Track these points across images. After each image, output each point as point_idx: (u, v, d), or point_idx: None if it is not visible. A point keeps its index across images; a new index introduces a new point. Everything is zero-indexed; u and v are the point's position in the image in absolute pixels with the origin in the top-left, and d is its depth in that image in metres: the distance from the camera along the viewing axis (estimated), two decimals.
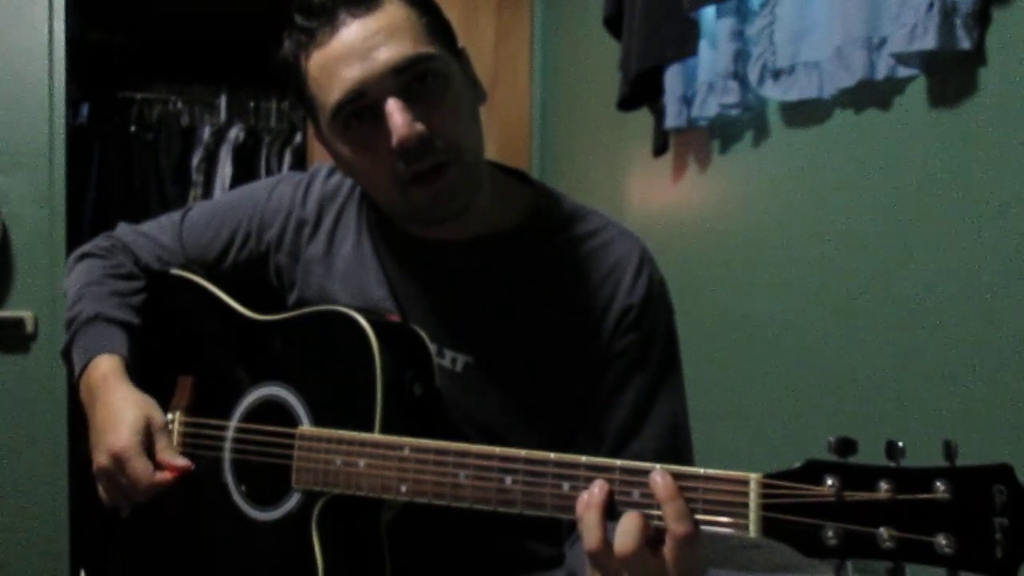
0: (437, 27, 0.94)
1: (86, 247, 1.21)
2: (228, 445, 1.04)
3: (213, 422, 1.06)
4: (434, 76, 0.91)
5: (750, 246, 1.70)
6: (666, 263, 1.10)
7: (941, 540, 0.64)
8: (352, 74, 0.88)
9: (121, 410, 1.01)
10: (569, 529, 1.03)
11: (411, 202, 0.93)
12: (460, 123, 0.93)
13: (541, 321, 1.01)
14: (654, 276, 1.04)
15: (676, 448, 1.00)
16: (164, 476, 1.00)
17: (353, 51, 0.88)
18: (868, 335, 1.37)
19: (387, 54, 0.88)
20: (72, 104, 2.92)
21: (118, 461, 0.99)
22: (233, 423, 1.04)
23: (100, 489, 1.05)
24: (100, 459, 1.01)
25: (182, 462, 1.01)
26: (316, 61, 0.91)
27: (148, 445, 1.01)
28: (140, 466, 0.99)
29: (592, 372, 1.00)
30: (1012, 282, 1.12)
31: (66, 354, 1.13)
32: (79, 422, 1.10)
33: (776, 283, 1.62)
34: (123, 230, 1.23)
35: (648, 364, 1.00)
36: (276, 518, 0.97)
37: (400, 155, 0.88)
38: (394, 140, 0.88)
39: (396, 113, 0.87)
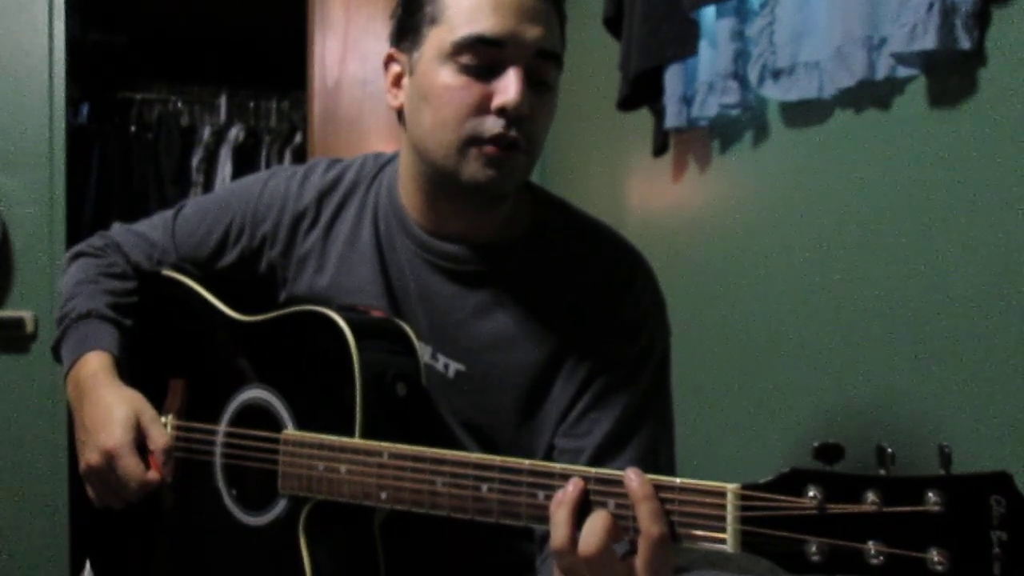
0: (562, 60, 0.98)
1: (80, 246, 1.21)
2: (218, 449, 1.04)
3: (204, 426, 1.05)
4: (549, 85, 0.95)
5: (750, 246, 1.70)
6: (666, 263, 1.10)
7: (934, 555, 0.59)
8: (505, 24, 0.90)
9: (111, 407, 1.00)
10: (541, 544, 1.01)
11: (465, 158, 0.93)
12: (543, 133, 0.96)
13: (537, 335, 1.00)
14: (654, 295, 1.04)
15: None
16: (155, 475, 0.99)
17: (518, 6, 0.91)
18: (868, 334, 1.37)
19: (542, 33, 0.92)
20: (72, 104, 2.92)
21: (110, 459, 0.98)
22: (222, 427, 1.04)
23: (88, 488, 1.04)
24: (91, 457, 1.00)
25: (167, 469, 1.00)
26: None
27: (139, 443, 1.00)
28: (132, 465, 0.98)
29: (579, 384, 0.99)
30: (1012, 282, 1.11)
31: (55, 351, 1.12)
32: None
33: (776, 283, 1.62)
34: (116, 229, 1.23)
35: (638, 383, 0.99)
36: (265, 523, 0.97)
37: (499, 114, 0.90)
38: (504, 99, 0.90)
39: (518, 78, 0.90)
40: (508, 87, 0.90)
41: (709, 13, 1.70)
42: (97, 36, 3.44)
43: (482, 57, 0.91)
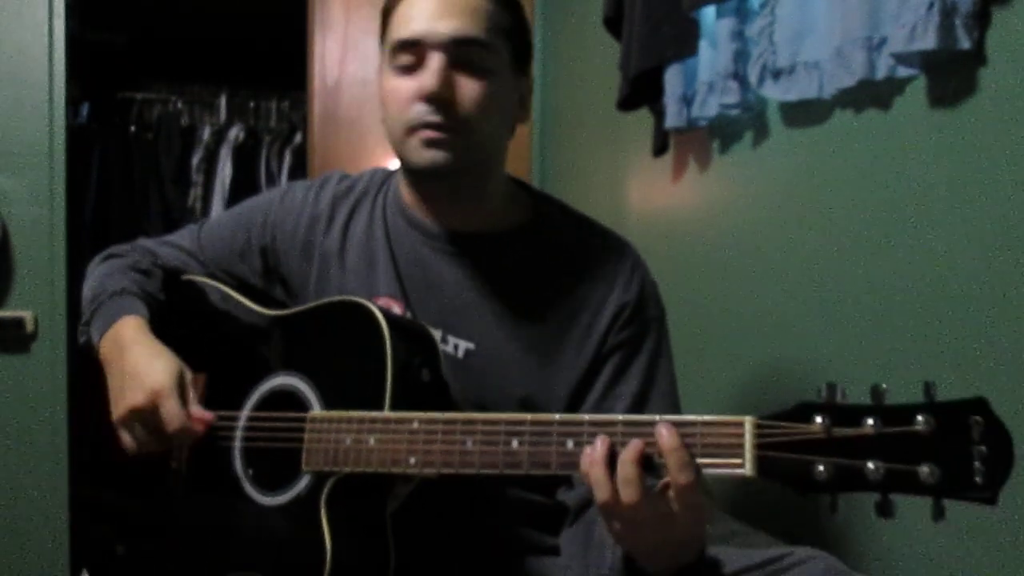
0: (513, 38, 1.07)
1: (110, 249, 1.27)
2: (239, 434, 1.06)
3: (225, 413, 1.07)
4: (479, 64, 1.03)
5: (750, 246, 1.70)
6: (666, 263, 1.11)
7: (925, 469, 0.69)
8: (419, 25, 1.02)
9: (157, 355, 1.04)
10: (577, 513, 1.07)
11: (408, 145, 1.04)
12: (482, 113, 1.03)
13: (540, 314, 1.08)
14: (647, 278, 1.13)
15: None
16: (196, 426, 1.02)
17: (432, 7, 1.03)
18: (868, 334, 1.37)
19: (457, 24, 1.02)
20: (72, 104, 2.92)
21: (155, 399, 1.01)
22: (245, 412, 1.06)
23: (124, 435, 1.05)
24: (135, 397, 1.02)
25: (209, 415, 1.04)
26: (403, 6, 1.05)
27: (181, 394, 1.03)
28: (176, 408, 1.01)
29: (587, 364, 1.08)
30: (1012, 281, 1.12)
31: (85, 327, 1.15)
32: (79, 422, 1.09)
33: (776, 283, 1.62)
34: (144, 240, 1.31)
35: (642, 353, 1.09)
36: (285, 501, 0.99)
37: (426, 100, 1.01)
38: (422, 85, 1.01)
39: (435, 66, 1.01)
40: (426, 76, 1.01)
41: (709, 13, 1.70)
42: (97, 36, 3.44)
43: (410, 57, 1.03)
